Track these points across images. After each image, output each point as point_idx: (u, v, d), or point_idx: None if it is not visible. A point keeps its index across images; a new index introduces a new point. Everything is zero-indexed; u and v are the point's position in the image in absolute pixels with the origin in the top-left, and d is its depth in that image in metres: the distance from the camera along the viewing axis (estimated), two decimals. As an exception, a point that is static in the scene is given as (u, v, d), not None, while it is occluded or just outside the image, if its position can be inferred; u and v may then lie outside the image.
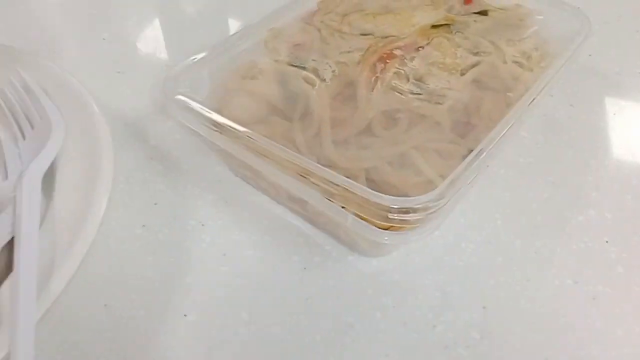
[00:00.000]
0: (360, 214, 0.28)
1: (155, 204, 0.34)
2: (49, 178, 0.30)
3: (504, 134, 0.29)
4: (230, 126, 0.31)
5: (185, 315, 0.29)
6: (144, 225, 0.33)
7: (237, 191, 0.35)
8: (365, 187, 0.27)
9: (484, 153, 0.28)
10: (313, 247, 0.32)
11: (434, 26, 0.38)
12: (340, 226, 0.31)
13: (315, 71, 0.34)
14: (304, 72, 0.34)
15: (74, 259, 0.25)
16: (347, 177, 0.29)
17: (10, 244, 0.27)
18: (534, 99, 0.31)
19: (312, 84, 0.33)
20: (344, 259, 0.32)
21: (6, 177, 0.31)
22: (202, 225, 0.33)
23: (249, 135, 0.30)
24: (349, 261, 0.32)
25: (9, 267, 0.26)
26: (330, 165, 0.30)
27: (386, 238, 0.27)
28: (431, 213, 0.25)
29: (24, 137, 0.33)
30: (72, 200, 0.29)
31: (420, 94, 0.33)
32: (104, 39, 0.46)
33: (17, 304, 0.23)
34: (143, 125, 0.39)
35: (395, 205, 0.26)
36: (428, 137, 0.32)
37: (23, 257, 0.25)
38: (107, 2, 0.51)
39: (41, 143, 0.31)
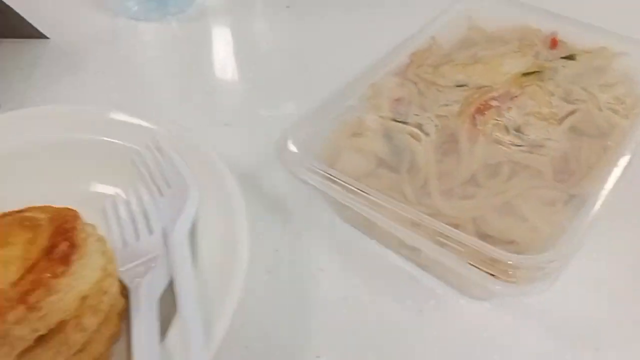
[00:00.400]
0: (474, 264, 0.30)
1: (276, 250, 0.38)
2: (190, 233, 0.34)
3: (612, 188, 0.31)
4: (343, 180, 0.34)
5: (317, 357, 0.32)
6: (269, 272, 0.36)
7: (348, 237, 0.38)
8: (486, 244, 0.29)
9: (595, 207, 0.30)
10: (425, 290, 0.35)
11: (524, 74, 0.40)
12: (452, 272, 0.34)
13: (419, 126, 0.37)
14: (409, 128, 0.37)
15: (229, 308, 0.29)
16: (456, 225, 0.32)
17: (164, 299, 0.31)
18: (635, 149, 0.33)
19: (418, 139, 0.36)
20: (456, 302, 0.34)
21: (151, 232, 0.35)
22: (321, 270, 0.36)
23: (362, 189, 0.33)
24: (462, 304, 0.34)
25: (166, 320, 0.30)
26: (438, 215, 0.33)
27: (498, 288, 0.30)
28: (550, 271, 0.28)
29: (161, 194, 0.37)
30: (217, 253, 0.32)
31: (522, 145, 0.35)
32: (208, 93, 0.50)
33: (189, 350, 0.27)
34: (255, 176, 0.42)
35: (518, 262, 0.28)
36: (530, 185, 0.34)
37: (188, 304, 0.29)
38: (206, 56, 0.56)
39: (180, 200, 0.35)
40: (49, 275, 0.26)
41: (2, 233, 0.28)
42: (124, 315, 0.31)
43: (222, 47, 0.57)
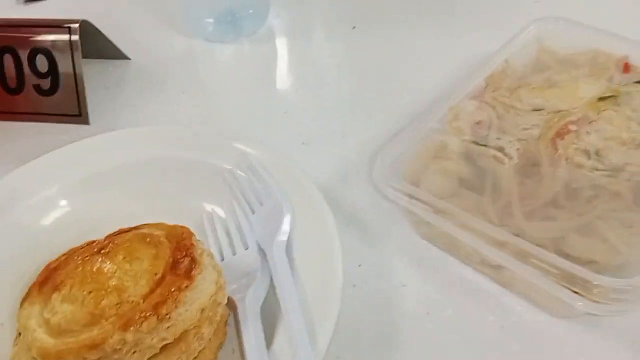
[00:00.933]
0: (562, 282, 0.32)
1: (360, 265, 0.40)
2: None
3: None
4: (429, 200, 0.36)
5: (406, 369, 0.34)
6: (354, 286, 0.39)
7: (427, 254, 0.40)
8: (574, 265, 0.31)
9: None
10: (506, 307, 0.37)
11: (600, 99, 0.41)
12: (535, 290, 0.35)
13: (501, 149, 0.38)
14: (492, 151, 0.38)
15: (332, 320, 0.31)
16: (537, 246, 0.34)
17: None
18: None
19: (502, 162, 0.38)
20: (536, 319, 0.36)
21: (247, 247, 0.38)
22: (404, 285, 0.38)
23: (451, 210, 0.35)
24: (542, 322, 0.36)
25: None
26: (520, 235, 0.35)
27: (584, 306, 0.32)
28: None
29: (253, 212, 0.40)
30: (313, 267, 0.34)
31: (604, 170, 0.36)
32: (285, 112, 0.53)
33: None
34: (335, 193, 0.44)
35: (607, 283, 0.29)
36: (610, 208, 0.36)
37: (295, 316, 0.31)
38: (280, 76, 0.58)
39: (274, 218, 0.38)
40: (176, 289, 0.29)
41: (130, 249, 0.31)
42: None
43: (294, 68, 0.60)
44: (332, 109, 0.53)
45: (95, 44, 0.56)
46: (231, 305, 0.34)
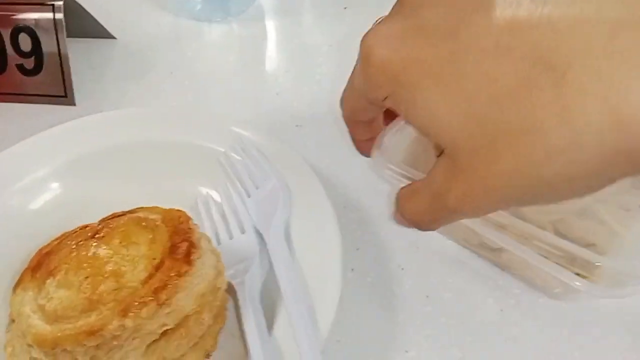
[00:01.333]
0: (563, 264, 0.32)
1: (357, 249, 0.39)
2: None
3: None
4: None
5: (406, 351, 0.34)
6: (352, 269, 0.38)
7: (425, 236, 0.40)
8: (576, 246, 0.31)
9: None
10: (504, 290, 0.37)
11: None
12: (534, 271, 0.35)
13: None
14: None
15: (332, 304, 0.31)
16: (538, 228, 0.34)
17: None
18: None
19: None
20: (535, 301, 0.36)
21: (243, 231, 0.37)
22: (402, 269, 0.38)
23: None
24: (541, 304, 0.36)
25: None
26: (519, 217, 0.35)
27: (586, 288, 0.32)
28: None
29: (248, 195, 0.39)
30: (311, 251, 0.34)
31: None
32: (277, 94, 0.52)
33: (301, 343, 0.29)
34: (330, 176, 0.44)
35: (609, 265, 0.30)
36: (609, 191, 0.36)
37: (296, 299, 0.31)
38: (271, 57, 0.57)
39: (270, 201, 0.37)
40: (175, 274, 0.28)
41: (125, 233, 0.30)
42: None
43: (285, 48, 0.59)
44: (324, 90, 0.52)
45: (79, 22, 0.55)
46: (230, 289, 0.33)
